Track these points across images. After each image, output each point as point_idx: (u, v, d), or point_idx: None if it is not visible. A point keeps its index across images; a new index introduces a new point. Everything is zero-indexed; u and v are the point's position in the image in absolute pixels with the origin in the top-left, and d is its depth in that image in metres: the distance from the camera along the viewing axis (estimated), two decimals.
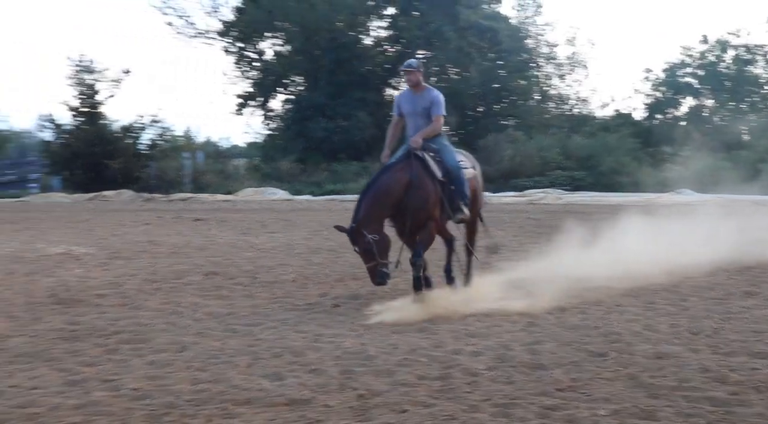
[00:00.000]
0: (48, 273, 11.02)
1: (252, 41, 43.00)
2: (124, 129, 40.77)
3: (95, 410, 4.91)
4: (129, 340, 6.87)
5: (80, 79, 40.48)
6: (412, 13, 40.20)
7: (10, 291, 9.50)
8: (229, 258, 12.59)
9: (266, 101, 43.52)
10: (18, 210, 26.64)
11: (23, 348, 6.62)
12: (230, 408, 4.93)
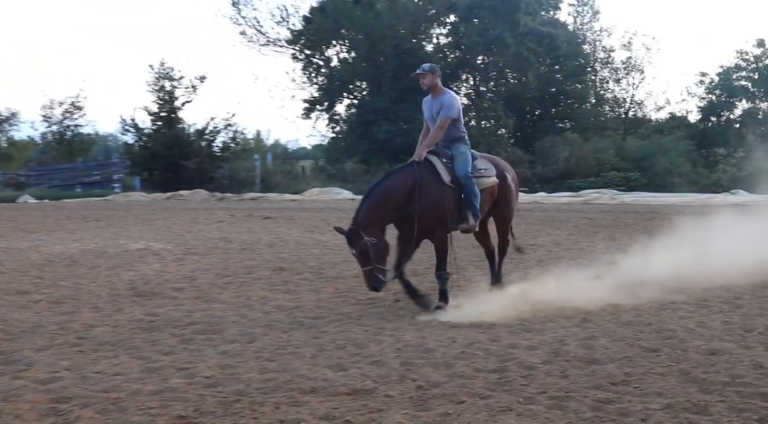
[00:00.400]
0: (129, 267, 11.25)
1: (319, 49, 43.32)
2: (199, 132, 41.45)
3: (171, 396, 4.99)
4: (203, 331, 6.97)
5: (160, 86, 41.31)
6: (473, 21, 40.01)
7: (95, 284, 9.72)
8: (296, 254, 12.68)
9: (332, 106, 43.79)
10: (102, 208, 27.26)
11: (106, 337, 6.77)
12: (296, 397, 4.97)
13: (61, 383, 5.33)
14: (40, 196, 34.83)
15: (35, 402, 4.86)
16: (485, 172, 8.26)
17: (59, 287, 9.48)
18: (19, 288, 9.44)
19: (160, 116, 41.32)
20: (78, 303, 8.42)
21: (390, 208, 7.79)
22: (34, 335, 6.87)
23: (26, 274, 10.67)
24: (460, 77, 42.49)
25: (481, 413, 4.66)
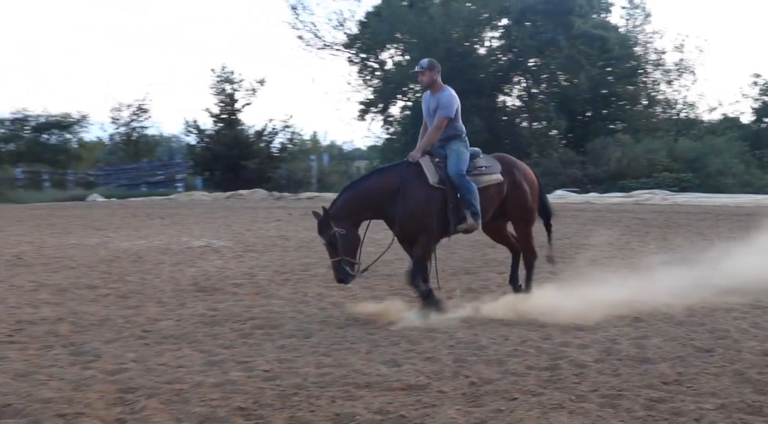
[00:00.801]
0: (191, 264, 11.41)
1: (374, 52, 43.42)
2: (258, 134, 41.88)
3: (232, 388, 5.04)
4: (261, 326, 7.03)
5: (221, 89, 41.86)
6: (525, 24, 39.68)
7: (159, 279, 9.88)
8: None
9: (386, 108, 43.83)
10: (166, 207, 27.70)
11: (170, 330, 6.87)
12: (352, 391, 4.98)
13: (127, 374, 5.43)
14: (108, 195, 35.54)
15: (104, 392, 4.95)
16: (486, 169, 7.75)
17: (126, 282, 9.66)
18: (88, 283, 9.64)
19: (221, 118, 41.89)
20: (143, 298, 8.57)
21: (366, 207, 7.56)
22: (103, 328, 7.01)
23: (95, 269, 10.89)
24: (511, 79, 42.15)
25: (534, 410, 4.61)
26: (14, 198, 32.01)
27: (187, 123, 42.59)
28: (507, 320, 7.05)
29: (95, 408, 4.61)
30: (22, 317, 7.45)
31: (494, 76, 40.92)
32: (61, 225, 18.32)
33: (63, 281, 9.78)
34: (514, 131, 41.68)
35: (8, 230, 17.23)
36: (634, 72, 41.21)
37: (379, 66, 43.93)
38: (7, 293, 8.91)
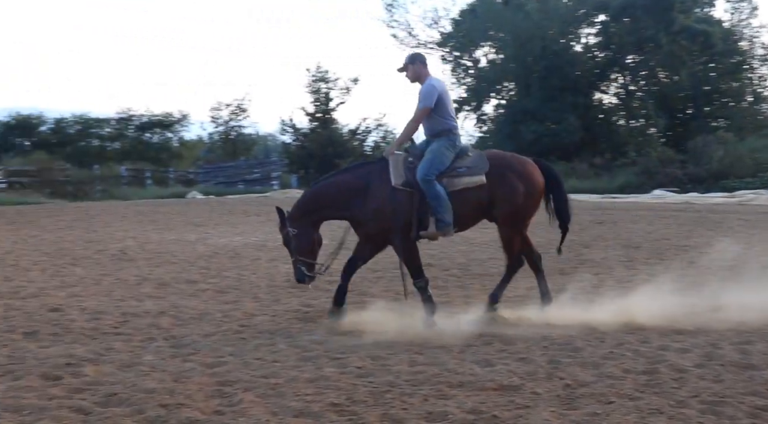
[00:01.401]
0: (286, 260, 11.55)
1: (468, 50, 43.22)
2: (352, 132, 42.31)
3: (325, 384, 5.11)
4: (354, 322, 7.08)
5: (316, 88, 42.47)
6: (624, 20, 38.77)
7: (256, 275, 10.10)
8: (443, 251, 12.68)
9: (479, 106, 43.56)
10: (262, 204, 28.23)
11: (266, 326, 7.02)
12: (444, 390, 4.97)
13: (225, 367, 5.57)
14: (207, 193, 36.51)
15: (203, 384, 5.10)
16: (467, 170, 7.08)
17: (224, 278, 9.91)
18: (188, 278, 9.93)
19: (316, 117, 42.49)
20: (240, 293, 8.77)
21: (324, 205, 7.28)
22: (202, 322, 7.21)
23: (194, 264, 11.21)
24: (608, 77, 41.27)
25: (631, 414, 4.50)
26: (119, 195, 33.24)
27: (283, 122, 43.38)
28: (602, 322, 6.89)
29: (195, 400, 4.75)
30: (127, 310, 7.74)
31: (590, 74, 40.17)
32: (163, 221, 18.91)
33: (164, 275, 10.11)
34: (611, 130, 40.82)
35: (114, 225, 17.91)
36: (739, 68, 39.72)
37: (473, 64, 43.72)
38: (113, 286, 9.27)
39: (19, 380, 5.24)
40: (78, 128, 45.35)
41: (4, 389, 4.99)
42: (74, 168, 37.74)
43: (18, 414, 4.48)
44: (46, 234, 15.94)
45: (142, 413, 4.47)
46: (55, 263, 11.52)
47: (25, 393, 4.91)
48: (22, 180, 34.27)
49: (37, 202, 29.24)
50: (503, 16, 39.44)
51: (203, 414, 4.49)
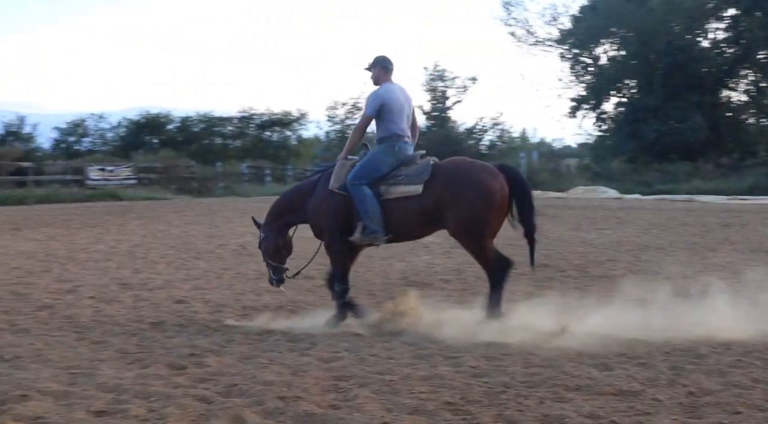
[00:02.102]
0: (401, 258, 11.67)
1: (587, 48, 42.34)
2: (469, 131, 42.14)
3: (440, 382, 5.11)
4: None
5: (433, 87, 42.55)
6: (755, 14, 37.02)
7: (370, 273, 10.21)
8: (560, 252, 12.47)
9: (599, 104, 42.62)
10: None
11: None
12: (561, 393, 4.88)
13: (341, 362, 5.65)
14: None
15: (319, 378, 5.19)
16: (404, 178, 6.91)
17: None
18: (304, 273, 10.12)
19: (432, 116, 42.56)
20: (355, 290, 8.82)
21: (287, 210, 7.46)
22: (317, 317, 7.33)
23: (312, 261, 11.40)
24: (737, 73, 39.52)
25: None
26: (240, 191, 34.26)
27: None
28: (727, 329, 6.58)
29: (311, 393, 4.84)
30: (247, 303, 7.98)
31: (718, 71, 38.61)
32: None
33: None
34: (740, 128, 39.13)
35: (235, 221, 18.49)
36: None
37: (593, 61, 42.81)
38: (234, 280, 9.57)
39: (147, 368, 5.49)
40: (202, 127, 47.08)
41: (134, 377, 5.23)
42: (198, 165, 39.19)
43: (146, 400, 4.69)
44: (172, 229, 16.64)
45: (261, 405, 4.59)
46: (180, 256, 12.00)
47: (153, 381, 5.13)
48: (150, 176, 35.84)
49: (163, 198, 30.55)
50: (625, 11, 38.40)
51: (320, 408, 4.56)
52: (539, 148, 47.33)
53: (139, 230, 16.57)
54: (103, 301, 8.30)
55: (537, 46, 43.93)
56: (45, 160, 36.87)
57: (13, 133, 42.29)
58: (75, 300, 8.38)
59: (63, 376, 5.24)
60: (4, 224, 18.21)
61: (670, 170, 34.45)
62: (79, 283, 9.52)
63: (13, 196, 28.03)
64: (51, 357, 5.79)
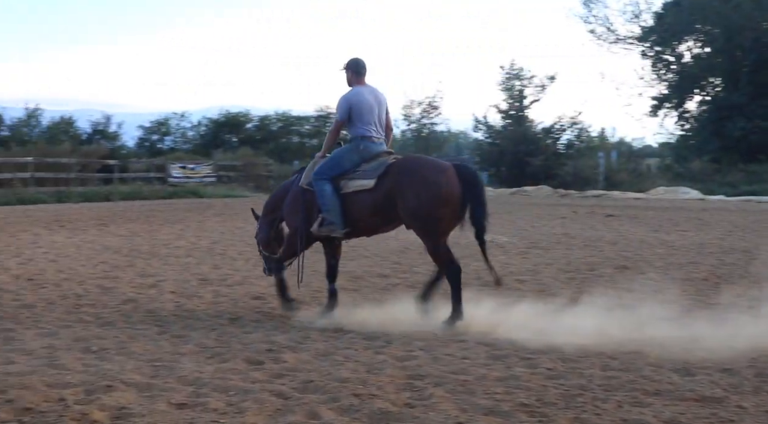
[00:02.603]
0: (476, 258, 11.58)
1: (670, 45, 41.33)
2: (546, 130, 41.64)
3: (515, 383, 5.06)
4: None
5: (510, 86, 42.19)
6: None
7: None
8: (640, 253, 12.23)
9: (681, 103, 41.58)
10: None
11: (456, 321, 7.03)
12: (640, 397, 4.78)
13: (416, 361, 5.66)
14: None
15: (394, 376, 5.21)
16: (360, 173, 7.16)
17: (414, 273, 10.08)
18: (380, 272, 10.19)
19: (509, 115, 42.21)
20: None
21: (276, 206, 7.95)
22: (392, 313, 7.35)
23: (386, 259, 11.48)
24: None
25: None
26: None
27: (476, 119, 43.42)
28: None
29: (386, 391, 4.86)
30: (323, 301, 8.04)
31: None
32: None
33: (357, 268, 10.42)
34: None
35: None
36: None
37: (675, 59, 41.77)
38: (311, 277, 9.66)
39: (225, 362, 5.60)
40: (280, 126, 47.72)
41: (213, 371, 5.34)
42: (276, 163, 39.75)
43: (225, 394, 4.78)
44: (249, 226, 16.85)
45: (337, 401, 4.64)
46: (257, 253, 12.17)
47: (231, 375, 5.23)
48: (230, 174, 36.54)
49: (242, 196, 31.10)
50: (711, 7, 37.37)
51: (394, 406, 4.58)
52: (618, 147, 46.39)
53: (218, 227, 16.92)
54: (184, 296, 8.51)
55: (617, 44, 43.16)
56: (129, 158, 37.96)
57: (100, 131, 43.63)
58: (157, 294, 8.62)
59: (146, 368, 5.39)
60: (91, 220, 18.85)
61: (756, 170, 33.36)
62: (161, 278, 9.78)
63: (99, 192, 28.96)
64: (134, 350, 5.97)
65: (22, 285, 9.11)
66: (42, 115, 42.78)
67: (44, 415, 4.33)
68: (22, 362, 5.51)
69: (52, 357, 5.69)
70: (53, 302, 8.10)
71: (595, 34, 43.37)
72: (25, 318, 7.24)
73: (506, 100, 42.34)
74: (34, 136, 40.76)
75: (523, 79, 41.93)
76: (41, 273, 10.04)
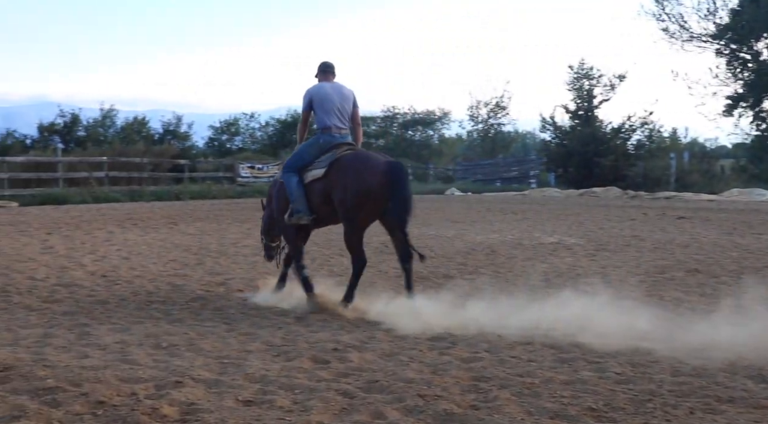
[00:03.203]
0: (543, 259, 11.51)
1: (747, 42, 40.19)
2: (615, 130, 40.95)
3: (583, 387, 4.99)
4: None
5: (579, 85, 41.63)
6: None
7: (512, 273, 10.11)
8: (713, 257, 11.93)
9: (758, 102, 40.39)
10: (518, 202, 28.22)
11: (521, 323, 6.95)
12: (713, 404, 4.66)
13: (481, 363, 5.62)
14: (464, 189, 37.11)
15: (459, 378, 5.18)
16: (317, 164, 7.79)
17: (480, 274, 10.02)
18: (445, 272, 10.16)
19: (577, 115, 41.67)
20: (495, 290, 8.79)
21: (270, 199, 8.69)
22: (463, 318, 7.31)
23: (452, 260, 11.44)
24: None
25: None
26: None
27: (544, 119, 42.98)
28: None
29: (451, 393, 4.84)
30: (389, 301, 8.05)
31: None
32: (422, 217, 19.47)
33: (423, 269, 10.39)
34: None
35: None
36: None
37: (752, 57, 40.57)
38: (375, 277, 9.71)
39: (291, 360, 5.65)
40: None
41: (279, 369, 5.40)
42: None
43: (291, 392, 4.83)
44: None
45: (402, 402, 4.64)
46: (323, 253, 12.29)
47: (297, 373, 5.28)
48: None
49: None
50: None
51: (459, 408, 4.56)
52: (691, 148, 45.38)
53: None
54: (251, 294, 8.62)
55: (691, 42, 42.14)
56: (199, 158, 38.70)
57: (171, 131, 44.60)
58: (225, 293, 8.76)
59: (214, 365, 5.48)
60: (162, 219, 19.28)
61: None
62: (229, 276, 9.94)
63: (170, 191, 29.60)
64: (203, 346, 6.08)
65: (96, 282, 9.37)
66: (116, 115, 43.98)
67: (116, 409, 4.44)
68: (96, 357, 5.66)
69: (124, 352, 5.83)
70: (125, 298, 8.32)
71: (668, 32, 42.44)
72: (99, 314, 7.45)
73: (574, 99, 41.80)
74: (109, 136, 41.92)
75: (592, 79, 41.34)
76: (114, 270, 10.31)
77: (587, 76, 41.33)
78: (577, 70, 41.54)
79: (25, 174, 27.36)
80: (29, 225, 16.99)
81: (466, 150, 53.16)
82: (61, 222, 17.93)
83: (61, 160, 28.54)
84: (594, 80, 41.45)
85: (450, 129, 55.00)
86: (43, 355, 5.65)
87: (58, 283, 9.23)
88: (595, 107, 41.53)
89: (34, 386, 4.79)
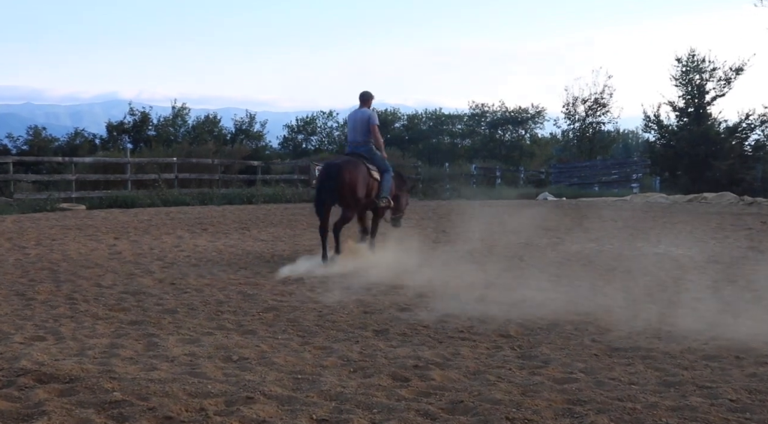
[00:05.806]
0: (644, 272, 11.28)
1: None
2: (730, 130, 39.87)
3: (691, 415, 4.86)
4: (728, 347, 6.67)
5: (688, 80, 40.66)
6: None
7: (610, 286, 9.94)
8: None
9: None
10: (619, 208, 27.73)
11: (621, 343, 6.85)
12: None
13: (576, 384, 5.55)
14: (558, 194, 36.66)
15: (551, 400, 5.13)
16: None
17: (575, 287, 9.88)
18: (537, 285, 10.06)
19: (686, 112, 40.72)
20: (593, 305, 8.66)
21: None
22: (551, 333, 7.26)
23: (544, 271, 11.32)
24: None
25: None
26: (467, 194, 34.62)
27: (648, 118, 42.14)
28: None
29: (543, 416, 4.80)
30: (473, 315, 8.04)
31: None
32: (510, 223, 19.31)
33: (511, 281, 10.33)
34: None
35: (461, 225, 18.69)
36: None
37: None
38: (461, 289, 9.68)
39: (369, 377, 5.69)
40: (430, 125, 48.06)
41: (356, 386, 5.44)
42: (425, 165, 40.05)
43: (369, 411, 4.86)
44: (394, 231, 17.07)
45: None
46: (404, 262, 12.31)
47: (375, 391, 5.31)
48: None
49: None
50: None
51: None
52: None
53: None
54: (327, 306, 8.71)
55: None
56: (272, 159, 39.28)
57: (244, 131, 45.44)
58: (299, 303, 8.87)
59: (287, 380, 5.56)
60: (233, 223, 19.66)
61: None
62: (302, 285, 10.06)
63: (242, 194, 30.12)
64: (276, 360, 6.17)
65: (164, 289, 9.62)
66: (188, 114, 45.05)
67: None
68: (164, 369, 5.82)
69: (193, 365, 5.97)
70: (195, 307, 8.51)
71: None
72: (167, 323, 7.64)
73: (683, 96, 40.86)
74: (180, 135, 42.98)
75: (704, 72, 40.33)
76: (183, 277, 10.57)
77: (698, 70, 40.37)
78: (686, 63, 40.62)
79: (93, 176, 28.25)
80: (97, 229, 17.56)
81: (561, 151, 52.45)
82: (129, 226, 18.49)
83: (129, 161, 29.34)
84: (706, 74, 40.46)
85: (543, 128, 54.49)
86: (110, 366, 5.84)
87: (125, 290, 9.51)
88: (708, 104, 40.51)
89: (101, 399, 4.95)
